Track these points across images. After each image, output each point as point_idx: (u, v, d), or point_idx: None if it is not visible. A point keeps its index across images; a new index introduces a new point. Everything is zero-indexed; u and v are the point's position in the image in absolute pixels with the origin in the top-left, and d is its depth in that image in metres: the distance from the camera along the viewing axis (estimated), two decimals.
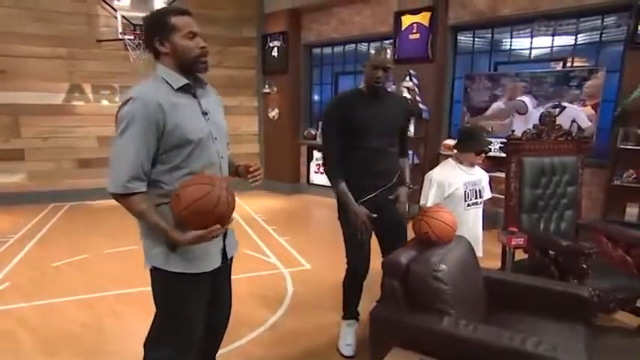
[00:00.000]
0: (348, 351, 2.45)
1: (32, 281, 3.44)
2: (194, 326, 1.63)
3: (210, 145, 1.56)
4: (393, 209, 2.44)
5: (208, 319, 1.71)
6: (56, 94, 6.16)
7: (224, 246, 1.67)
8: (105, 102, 6.38)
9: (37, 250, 4.21)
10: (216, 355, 1.99)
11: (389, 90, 2.38)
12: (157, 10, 1.55)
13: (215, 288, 1.72)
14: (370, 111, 2.30)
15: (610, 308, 2.40)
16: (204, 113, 1.57)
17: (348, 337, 2.50)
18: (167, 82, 1.49)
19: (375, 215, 2.26)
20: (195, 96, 1.56)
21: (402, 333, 1.72)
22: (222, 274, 1.74)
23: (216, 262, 1.63)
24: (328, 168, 2.35)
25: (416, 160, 5.48)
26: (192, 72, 1.54)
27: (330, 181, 2.33)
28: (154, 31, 1.50)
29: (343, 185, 2.28)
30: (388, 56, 2.24)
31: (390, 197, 2.39)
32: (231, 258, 1.78)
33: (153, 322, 1.65)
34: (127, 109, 1.41)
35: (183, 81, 1.51)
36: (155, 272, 1.57)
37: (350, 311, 2.56)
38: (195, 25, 1.51)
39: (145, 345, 1.65)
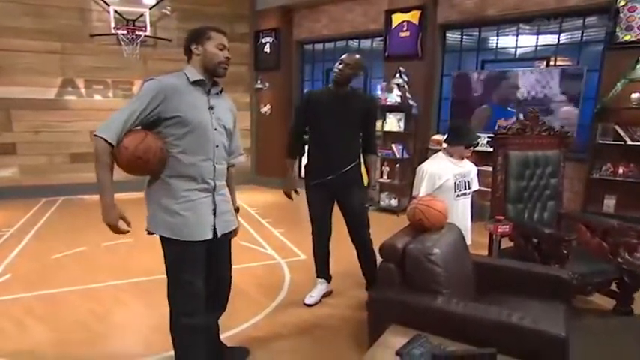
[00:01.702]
0: (309, 300, 2.94)
1: (33, 273, 3.50)
2: (193, 290, 1.85)
3: (208, 133, 1.81)
4: (352, 197, 2.80)
5: (212, 285, 1.98)
6: (49, 88, 6.15)
7: (214, 223, 1.88)
8: (98, 97, 6.37)
9: (35, 244, 4.25)
10: (221, 336, 2.21)
11: (355, 89, 2.80)
12: (203, 25, 1.87)
13: (215, 259, 1.97)
14: (329, 105, 2.72)
15: (587, 290, 2.60)
16: (210, 107, 1.83)
17: (314, 291, 2.99)
18: (186, 76, 1.80)
19: (297, 193, 3.00)
20: (206, 92, 1.84)
21: (399, 311, 1.86)
22: (221, 249, 2.00)
23: (204, 235, 1.84)
24: (286, 145, 2.95)
25: (406, 155, 5.65)
26: (213, 74, 1.85)
27: (286, 153, 2.96)
28: (194, 38, 1.83)
29: (288, 160, 2.96)
30: (356, 57, 2.70)
31: (366, 206, 2.86)
32: (229, 234, 2.01)
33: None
34: (145, 83, 1.75)
35: (199, 76, 1.81)
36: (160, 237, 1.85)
37: (320, 271, 3.03)
38: (226, 42, 1.86)
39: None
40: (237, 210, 2.15)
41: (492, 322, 1.67)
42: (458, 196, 2.67)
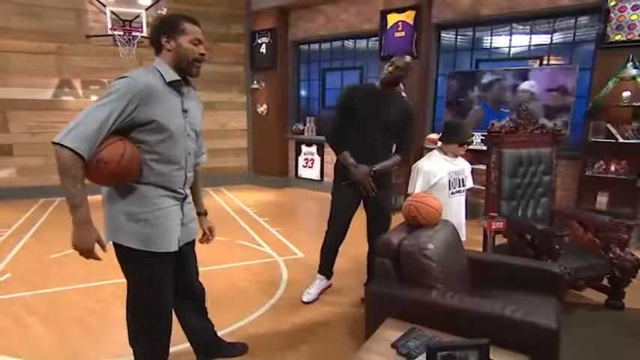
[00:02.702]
0: (306, 298, 2.96)
1: (33, 272, 3.52)
2: (165, 306, 1.83)
3: (182, 138, 1.69)
4: (380, 198, 2.77)
5: (186, 289, 1.99)
6: (45, 89, 6.14)
7: (180, 232, 1.80)
8: (94, 97, 6.38)
9: (34, 243, 4.27)
10: (220, 332, 2.26)
11: (400, 93, 2.78)
12: (173, 14, 1.74)
13: (182, 268, 1.92)
14: (373, 106, 2.68)
15: (579, 285, 2.65)
16: (184, 111, 1.71)
17: (313, 288, 3.01)
18: (161, 75, 1.64)
19: (375, 168, 2.70)
20: (180, 94, 1.70)
21: (395, 305, 1.89)
22: (188, 257, 1.96)
23: (174, 245, 1.76)
24: (331, 139, 2.87)
25: None
26: (185, 72, 1.70)
27: (334, 150, 2.82)
28: (164, 29, 1.67)
29: (345, 153, 2.75)
30: (406, 60, 2.66)
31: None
32: (193, 241, 1.98)
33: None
34: (118, 82, 1.54)
35: (176, 76, 1.66)
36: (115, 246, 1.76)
37: (323, 269, 3.04)
38: (201, 35, 1.70)
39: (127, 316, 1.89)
40: (205, 214, 2.08)
41: (485, 314, 1.71)
42: (452, 193, 2.71)
